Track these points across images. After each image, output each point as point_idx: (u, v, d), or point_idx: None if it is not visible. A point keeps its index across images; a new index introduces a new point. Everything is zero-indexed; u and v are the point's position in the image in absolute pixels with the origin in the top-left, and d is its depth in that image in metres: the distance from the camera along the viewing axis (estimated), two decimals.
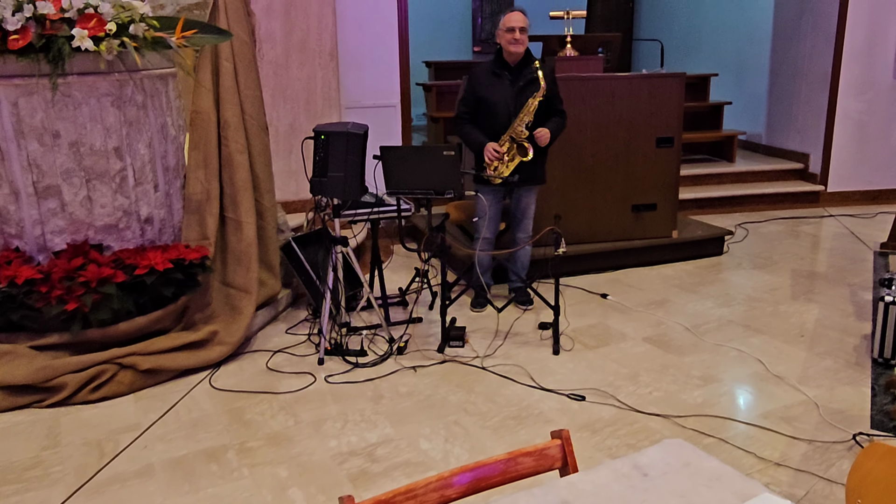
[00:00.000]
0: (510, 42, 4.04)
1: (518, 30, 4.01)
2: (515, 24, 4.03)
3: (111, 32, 3.09)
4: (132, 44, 3.14)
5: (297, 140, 5.49)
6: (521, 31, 4.02)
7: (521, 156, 4.00)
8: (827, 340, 3.90)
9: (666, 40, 10.16)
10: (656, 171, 5.08)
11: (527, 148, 3.97)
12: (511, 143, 4.01)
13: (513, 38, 4.03)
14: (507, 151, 4.02)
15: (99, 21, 3.06)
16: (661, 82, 4.95)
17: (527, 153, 3.98)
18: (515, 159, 4.02)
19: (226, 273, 4.09)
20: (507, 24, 4.05)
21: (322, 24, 5.37)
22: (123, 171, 3.50)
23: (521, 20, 4.04)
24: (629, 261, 5.16)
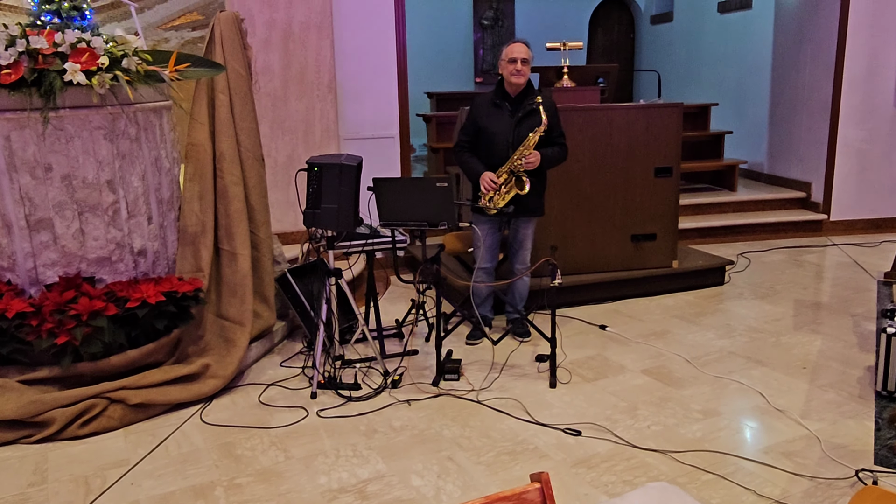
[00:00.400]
0: (512, 73, 4.04)
1: (520, 61, 4.01)
2: (517, 55, 4.03)
3: (103, 66, 3.10)
4: (124, 77, 3.15)
5: (295, 170, 5.48)
6: (523, 63, 4.01)
7: (519, 189, 3.98)
8: (830, 372, 3.83)
9: (666, 70, 10.22)
10: (655, 201, 5.05)
11: (524, 182, 3.95)
12: (509, 176, 3.99)
13: (514, 70, 4.03)
14: (505, 183, 4.00)
15: (91, 55, 3.07)
16: (658, 112, 4.94)
17: (524, 187, 3.95)
18: (512, 191, 4.00)
19: (220, 305, 4.06)
20: (509, 55, 4.06)
21: (320, 56, 5.40)
22: (116, 204, 3.49)
23: (523, 51, 4.04)
24: (629, 291, 5.11)
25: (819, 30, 6.97)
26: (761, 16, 7.95)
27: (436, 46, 10.46)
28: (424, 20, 10.28)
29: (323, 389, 3.71)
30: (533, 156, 3.95)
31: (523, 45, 4.06)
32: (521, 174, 3.96)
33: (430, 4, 10.34)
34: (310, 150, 5.50)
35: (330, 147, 5.56)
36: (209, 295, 4.07)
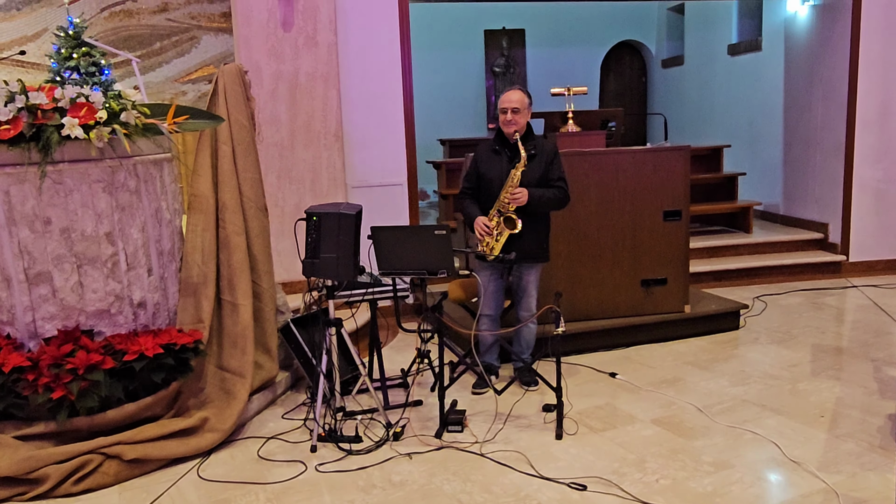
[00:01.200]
0: (503, 122, 4.04)
1: (510, 110, 4.00)
2: (507, 104, 4.02)
3: (101, 120, 3.12)
4: (122, 131, 3.17)
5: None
6: (514, 112, 3.99)
7: (510, 228, 3.92)
8: (849, 421, 3.68)
9: (678, 114, 10.22)
10: (665, 245, 4.97)
11: (514, 220, 3.90)
12: (499, 217, 3.95)
13: (505, 120, 4.02)
14: (497, 226, 3.96)
15: (89, 109, 3.10)
16: (665, 156, 4.89)
17: (515, 225, 3.90)
18: (504, 233, 3.94)
19: (221, 356, 4.01)
20: (501, 104, 4.06)
21: (327, 105, 5.44)
22: (115, 256, 3.49)
23: (513, 100, 4.01)
24: (640, 337, 5.00)
25: (829, 70, 6.92)
26: (771, 57, 7.93)
27: (449, 93, 10.56)
28: (438, 68, 10.41)
29: (323, 443, 3.62)
30: (518, 192, 3.90)
31: (518, 91, 4.04)
32: (510, 213, 3.90)
33: (443, 52, 10.48)
34: (317, 199, 5.50)
35: (337, 195, 5.56)
36: (210, 346, 4.03)
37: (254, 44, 5.28)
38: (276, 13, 5.29)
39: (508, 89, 4.09)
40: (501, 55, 10.73)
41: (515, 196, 3.91)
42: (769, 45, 8.00)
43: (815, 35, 7.11)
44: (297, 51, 5.35)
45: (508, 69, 10.71)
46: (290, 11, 5.31)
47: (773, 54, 7.87)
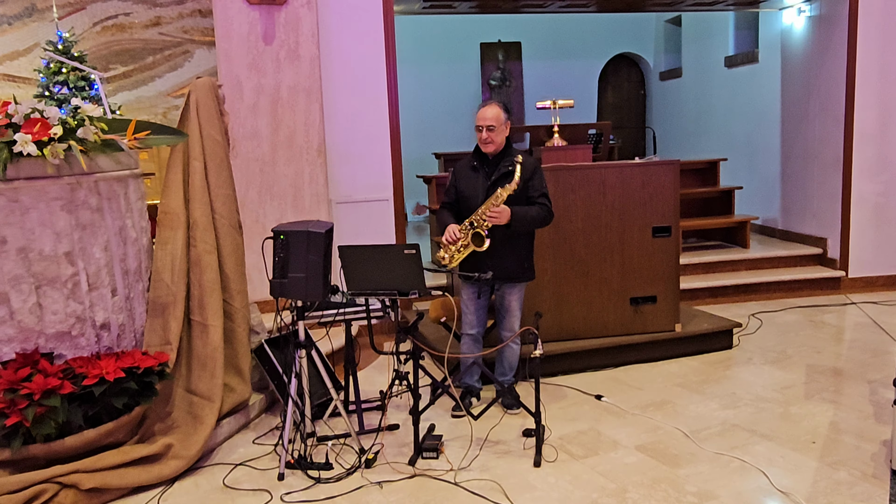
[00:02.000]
0: (480, 141, 3.91)
1: (485, 128, 3.86)
2: (482, 122, 3.88)
3: (56, 136, 3.01)
4: (78, 147, 3.05)
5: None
6: (489, 130, 3.86)
7: (477, 245, 3.77)
8: (841, 448, 3.52)
9: (676, 126, 10.10)
10: (654, 262, 4.83)
11: (483, 237, 3.75)
12: (469, 229, 3.80)
13: (481, 139, 3.89)
14: (464, 237, 3.81)
15: (43, 125, 2.99)
16: (654, 170, 4.76)
17: (482, 244, 3.75)
18: (469, 248, 3.80)
19: (190, 379, 3.88)
20: (476, 121, 3.92)
21: (309, 120, 5.33)
22: (76, 276, 3.36)
23: (488, 118, 3.87)
24: (629, 357, 4.85)
25: (827, 81, 6.79)
26: (768, 69, 7.80)
27: (445, 107, 10.46)
28: (434, 81, 10.33)
29: (292, 470, 3.48)
30: (499, 210, 3.75)
31: (494, 107, 3.89)
32: (480, 229, 3.75)
33: (439, 65, 10.40)
34: (299, 215, 5.39)
35: (320, 211, 5.44)
36: (179, 368, 3.91)
37: (234, 57, 5.18)
38: (256, 26, 5.19)
39: (483, 105, 3.95)
40: (497, 68, 10.63)
41: (494, 214, 3.77)
42: (766, 56, 7.87)
43: (811, 46, 6.99)
44: (278, 64, 5.25)
45: (504, 82, 10.61)
46: (271, 24, 5.22)
47: (770, 66, 7.75)
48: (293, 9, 5.23)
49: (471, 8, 6.56)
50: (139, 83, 10.24)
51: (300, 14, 5.25)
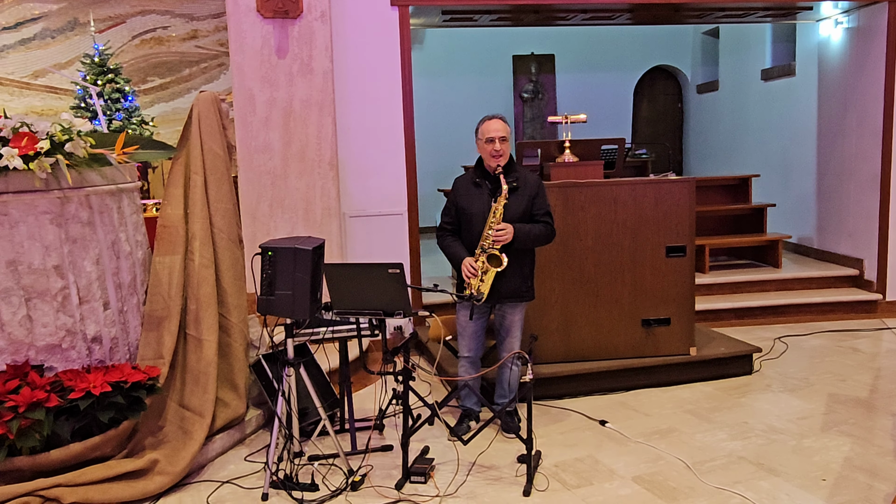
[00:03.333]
0: (492, 154, 3.81)
1: (498, 140, 3.77)
2: (495, 133, 3.79)
3: (42, 150, 3.03)
4: (65, 161, 3.06)
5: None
6: (502, 141, 3.77)
7: (494, 266, 3.67)
8: (853, 486, 3.31)
9: (714, 140, 9.84)
10: (668, 283, 4.65)
11: (498, 257, 3.66)
12: (482, 254, 3.71)
13: (493, 151, 3.79)
14: (482, 265, 3.71)
15: (31, 139, 3.01)
16: (668, 188, 4.59)
17: (500, 263, 3.66)
18: (490, 272, 3.70)
19: (183, 394, 3.86)
20: (486, 133, 3.83)
21: (321, 133, 5.32)
22: (66, 290, 3.38)
23: (500, 129, 3.80)
24: (640, 381, 4.67)
25: (864, 95, 6.51)
26: (805, 83, 7.53)
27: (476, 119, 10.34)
28: (466, 94, 10.26)
29: (277, 489, 3.42)
30: (503, 228, 3.65)
31: (500, 120, 3.82)
32: (492, 250, 3.66)
33: (471, 78, 10.34)
34: (310, 229, 5.37)
35: (331, 225, 5.41)
36: (173, 383, 3.89)
37: (247, 70, 5.20)
38: (270, 40, 5.20)
39: (489, 118, 3.86)
40: (530, 80, 10.51)
41: (500, 234, 3.68)
42: (803, 69, 7.60)
43: (848, 59, 6.71)
44: (291, 78, 5.24)
45: (537, 95, 10.49)
46: (284, 38, 5.22)
47: (807, 80, 7.47)
48: (307, 22, 5.23)
49: (492, 21, 6.47)
50: (175, 95, 10.46)
51: (314, 28, 5.25)
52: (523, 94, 10.51)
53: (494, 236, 3.66)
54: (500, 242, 3.66)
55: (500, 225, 3.66)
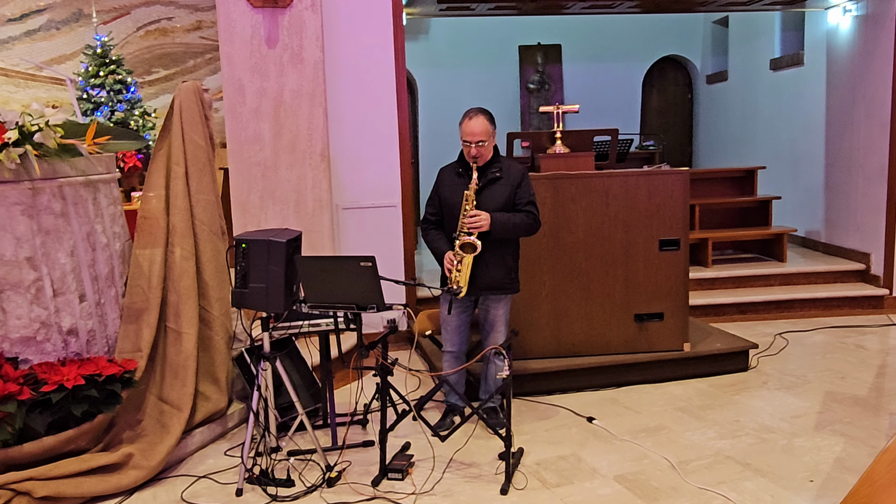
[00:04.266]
0: (468, 157, 3.71)
1: (474, 145, 3.67)
2: (471, 138, 3.67)
3: (10, 141, 2.98)
4: (33, 152, 3.02)
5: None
6: (479, 145, 3.66)
7: (469, 252, 3.59)
8: (842, 487, 3.19)
9: (723, 131, 9.68)
10: (661, 277, 4.55)
11: (473, 243, 3.57)
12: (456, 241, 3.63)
13: (469, 154, 3.69)
14: (456, 254, 3.63)
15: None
16: (661, 180, 4.48)
17: (474, 248, 3.57)
18: (465, 260, 3.61)
19: (162, 387, 3.83)
20: (463, 135, 3.71)
21: (312, 124, 5.25)
22: (39, 282, 3.34)
23: (478, 133, 3.64)
24: (632, 377, 4.58)
25: (872, 85, 6.33)
26: (813, 72, 7.35)
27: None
28: (471, 85, 10.14)
29: (253, 485, 3.38)
30: (477, 216, 3.57)
31: (481, 119, 3.68)
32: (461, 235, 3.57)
33: (477, 69, 10.22)
34: (301, 221, 5.30)
35: (323, 217, 5.34)
36: (154, 376, 3.86)
37: (237, 60, 5.13)
38: (259, 29, 5.13)
39: (469, 116, 3.72)
40: (536, 71, 10.38)
41: (473, 220, 3.59)
42: (811, 59, 7.42)
43: (857, 48, 6.53)
44: (281, 68, 5.18)
45: (543, 86, 10.35)
46: (274, 27, 5.15)
47: (816, 69, 7.29)
48: (297, 12, 5.16)
49: (490, 10, 6.37)
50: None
51: (304, 17, 5.17)
52: (529, 85, 10.38)
53: (468, 223, 3.57)
54: (475, 230, 3.58)
55: (473, 212, 3.57)
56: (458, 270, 3.61)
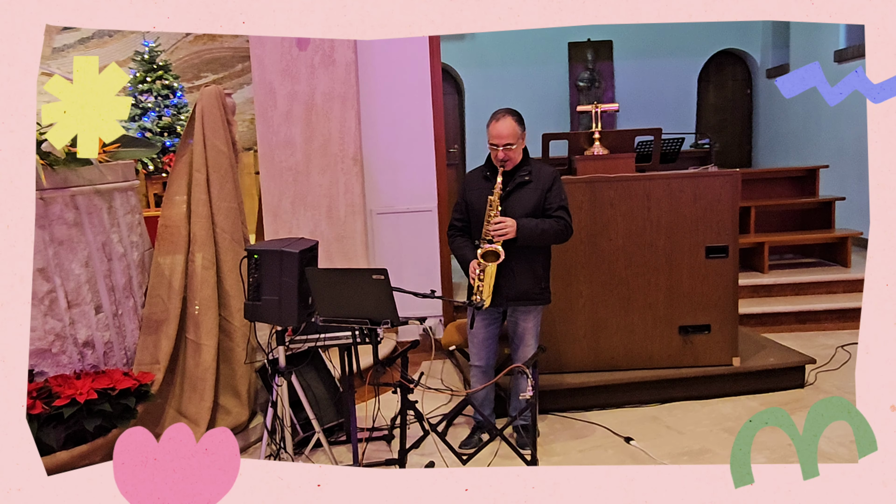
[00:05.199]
0: (495, 160, 3.50)
1: (501, 148, 3.46)
2: (497, 140, 3.45)
3: None
4: (39, 162, 2.95)
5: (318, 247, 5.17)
6: (506, 148, 3.45)
7: (491, 261, 3.38)
8: None
9: (784, 128, 9.20)
10: (708, 286, 4.25)
11: (496, 251, 3.36)
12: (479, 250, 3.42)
13: (496, 158, 3.49)
14: (479, 264, 3.42)
15: None
16: (708, 182, 4.18)
17: (497, 257, 3.36)
18: (488, 269, 3.40)
19: (182, 400, 3.74)
20: (490, 138, 3.51)
21: (344, 127, 5.12)
22: (52, 293, 3.28)
23: (505, 135, 3.43)
24: (676, 393, 4.29)
25: None
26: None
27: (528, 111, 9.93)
28: (518, 84, 9.93)
29: None
30: (503, 222, 3.36)
31: (508, 120, 3.46)
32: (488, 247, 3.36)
33: (524, 67, 9.99)
34: (333, 226, 5.19)
35: (355, 222, 5.21)
36: (173, 388, 3.78)
37: (267, 63, 5.04)
38: None
39: (497, 117, 3.50)
40: (586, 69, 10.07)
41: (498, 227, 3.38)
42: None
43: None
44: (312, 70, 5.06)
45: (593, 83, 10.04)
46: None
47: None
48: None
49: None
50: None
51: None
52: (579, 83, 10.08)
53: (493, 230, 3.37)
54: (500, 237, 3.37)
55: (497, 218, 3.36)
56: (480, 280, 3.41)
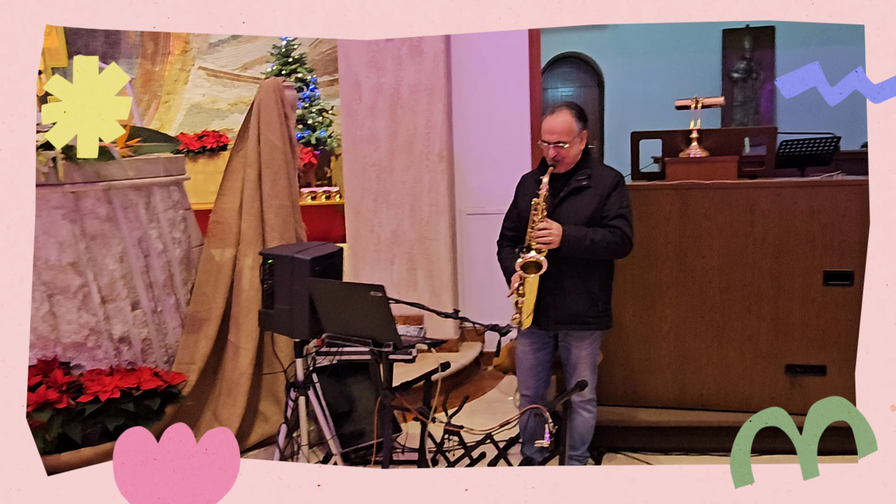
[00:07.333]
0: (548, 159, 3.05)
1: (552, 145, 3.00)
2: (549, 137, 2.99)
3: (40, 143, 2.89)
4: (60, 156, 2.90)
5: (399, 248, 4.94)
6: (558, 146, 2.99)
7: (532, 272, 2.92)
8: None
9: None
10: (825, 320, 3.52)
11: (538, 261, 2.90)
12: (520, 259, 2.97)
13: (549, 157, 3.03)
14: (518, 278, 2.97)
15: None
16: (831, 193, 3.45)
17: (539, 267, 2.90)
18: (529, 282, 2.94)
19: (218, 403, 3.63)
20: (542, 133, 3.05)
21: (430, 122, 4.82)
22: (85, 287, 3.26)
23: (557, 130, 2.96)
24: (777, 445, 3.54)
25: None
26: None
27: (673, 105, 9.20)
28: (663, 75, 9.13)
29: None
30: (546, 227, 2.90)
31: (564, 114, 2.97)
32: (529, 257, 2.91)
33: (671, 57, 9.17)
34: (416, 226, 4.91)
35: (439, 222, 4.91)
36: (213, 390, 3.68)
37: (353, 54, 4.85)
38: None
39: (551, 110, 3.03)
40: (743, 58, 9.07)
41: (542, 234, 2.92)
42: None
43: None
44: (399, 61, 4.81)
45: (750, 74, 9.02)
46: None
47: None
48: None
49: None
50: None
51: None
52: (733, 74, 9.10)
53: (536, 237, 2.91)
54: (543, 246, 2.91)
55: (542, 224, 2.91)
56: (520, 295, 2.96)
